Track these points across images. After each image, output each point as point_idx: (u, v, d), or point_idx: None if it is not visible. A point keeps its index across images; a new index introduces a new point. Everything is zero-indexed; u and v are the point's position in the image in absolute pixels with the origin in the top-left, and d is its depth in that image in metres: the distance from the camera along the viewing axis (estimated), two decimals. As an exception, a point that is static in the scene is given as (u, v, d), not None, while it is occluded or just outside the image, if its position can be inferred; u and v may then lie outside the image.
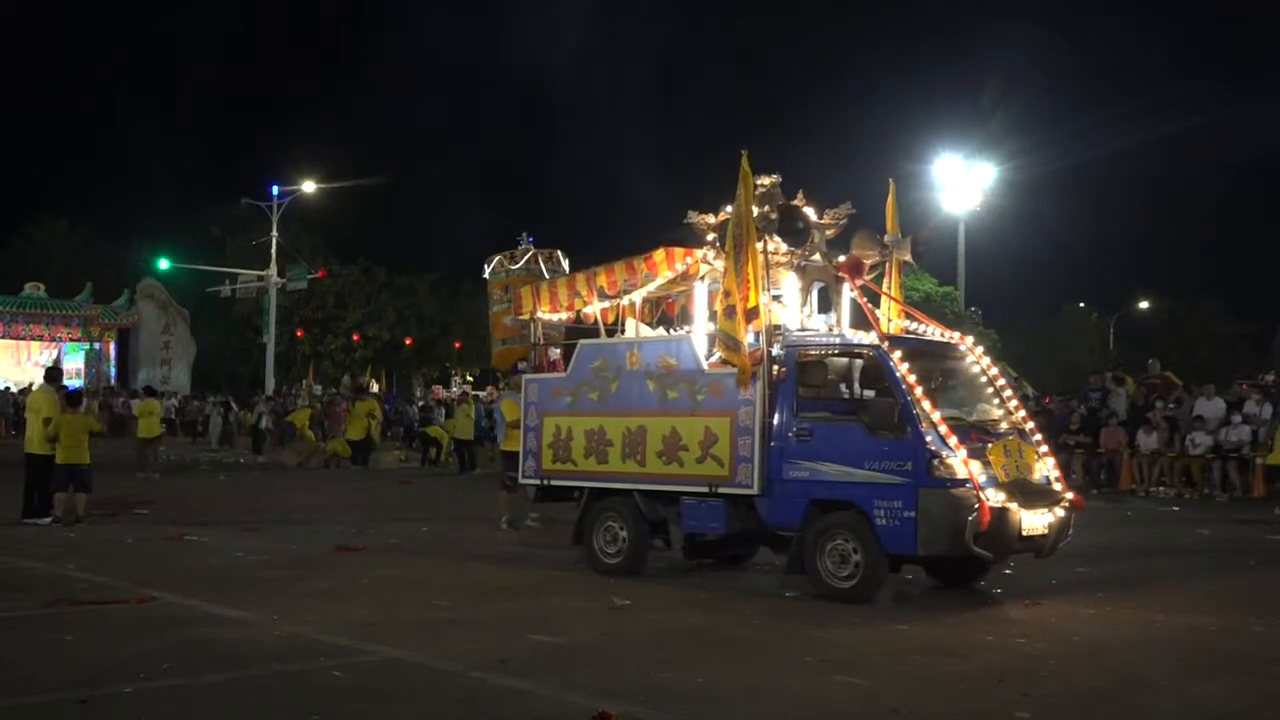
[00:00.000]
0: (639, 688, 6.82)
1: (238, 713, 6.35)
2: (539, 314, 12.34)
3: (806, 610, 9.59)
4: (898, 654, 7.94)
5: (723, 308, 10.34)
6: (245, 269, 44.68)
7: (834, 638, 8.43)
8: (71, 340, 48.65)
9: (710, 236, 11.12)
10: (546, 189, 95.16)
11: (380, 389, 42.27)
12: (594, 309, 11.93)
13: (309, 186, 43.00)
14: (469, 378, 54.75)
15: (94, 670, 7.07)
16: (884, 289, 11.65)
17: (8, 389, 40.45)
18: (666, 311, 12.37)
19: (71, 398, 15.31)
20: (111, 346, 49.97)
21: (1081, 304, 66.08)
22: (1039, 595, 10.21)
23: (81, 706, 6.32)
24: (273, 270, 42.55)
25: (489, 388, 43.64)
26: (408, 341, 53.98)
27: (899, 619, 9.15)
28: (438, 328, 55.39)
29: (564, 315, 12.34)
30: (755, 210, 10.33)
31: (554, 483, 11.92)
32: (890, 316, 11.49)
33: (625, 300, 11.73)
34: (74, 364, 48.21)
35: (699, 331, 11.20)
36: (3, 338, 47.14)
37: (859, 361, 10.58)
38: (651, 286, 11.47)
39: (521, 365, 14.74)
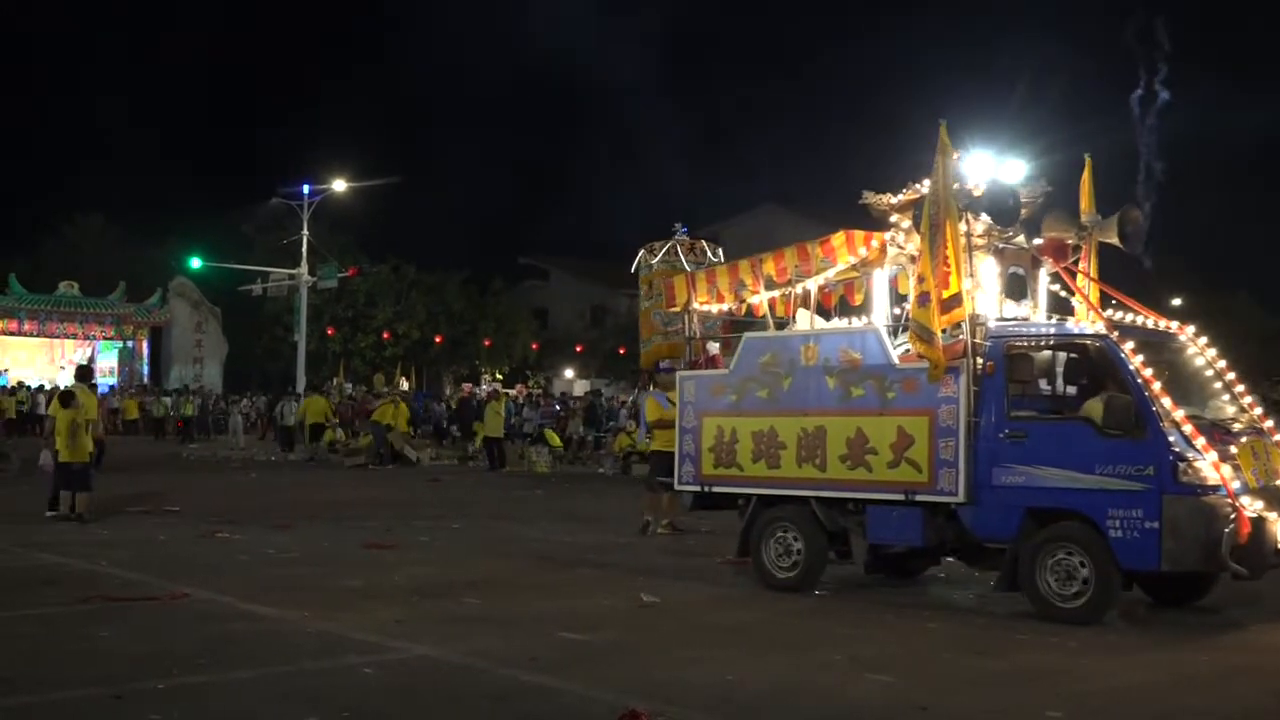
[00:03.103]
0: (668, 685, 6.81)
1: (269, 709, 6.37)
2: (694, 305, 11.32)
3: (837, 608, 9.56)
4: (929, 652, 7.90)
5: (916, 295, 9.42)
6: (276, 268, 44.92)
7: (866, 636, 8.40)
8: (105, 339, 49.09)
9: (894, 218, 10.17)
10: (578, 186, 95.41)
11: (410, 387, 42.39)
12: (761, 299, 10.98)
13: (339, 185, 43.14)
14: (498, 375, 54.82)
15: (127, 666, 7.12)
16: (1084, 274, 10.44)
17: (41, 387, 40.81)
18: (822, 303, 11.21)
19: (64, 396, 15.12)
20: (144, 345, 50.38)
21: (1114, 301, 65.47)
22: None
23: (115, 702, 6.36)
24: (303, 269, 42.74)
25: (518, 386, 43.80)
26: (437, 339, 54.13)
27: (931, 618, 9.10)
28: (467, 325, 55.51)
29: (724, 306, 11.35)
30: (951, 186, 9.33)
31: (716, 489, 10.83)
32: (1089, 304, 10.29)
33: (799, 289, 10.78)
34: (108, 362, 48.68)
35: (877, 322, 10.37)
36: (37, 336, 47.58)
37: (1062, 354, 9.77)
38: (830, 273, 10.61)
39: (664, 364, 14.00)
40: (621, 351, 51.96)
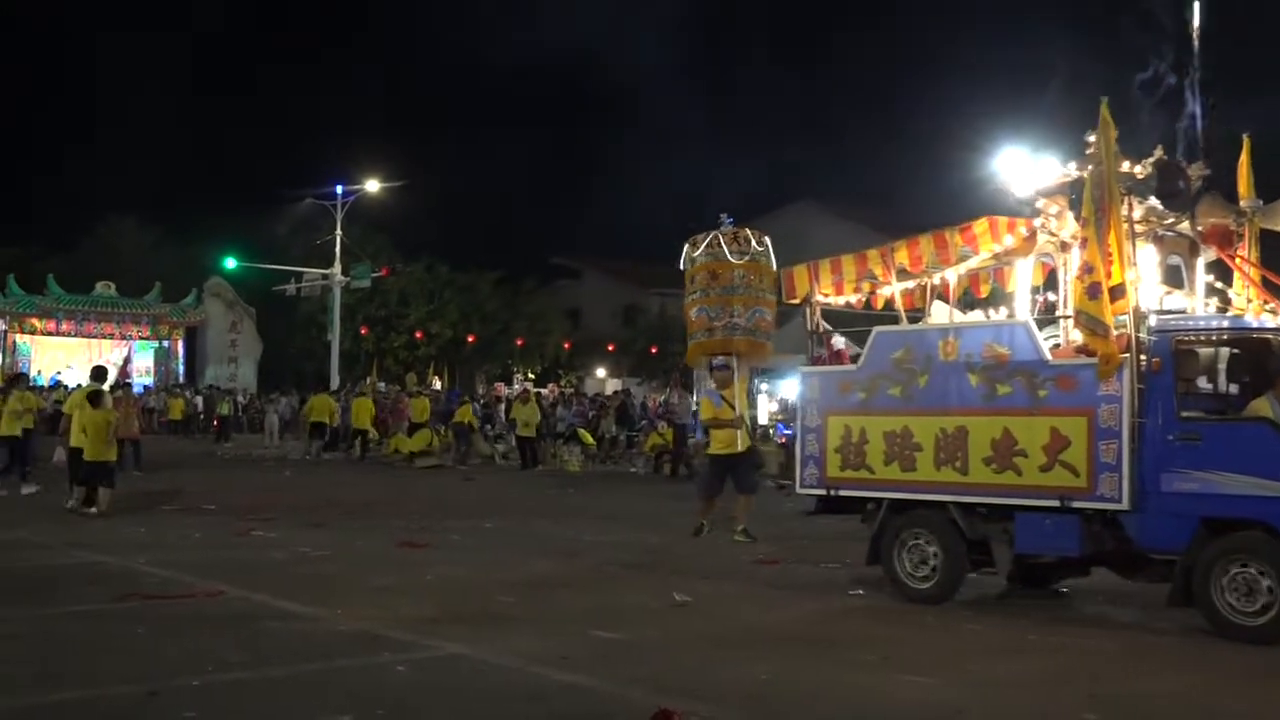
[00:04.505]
0: (700, 685, 6.79)
1: (303, 706, 6.39)
2: (816, 297, 10.70)
3: (872, 609, 9.51)
4: (964, 654, 7.84)
5: (1084, 286, 8.74)
6: (310, 268, 45.17)
7: (900, 636, 8.35)
8: (141, 338, 49.51)
9: (1040, 203, 9.54)
10: (610, 185, 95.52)
11: (443, 386, 42.59)
12: (893, 290, 10.35)
13: (373, 185, 43.36)
14: (531, 375, 54.93)
15: (163, 662, 7.17)
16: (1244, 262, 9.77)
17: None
18: (942, 294, 10.52)
19: (92, 397, 15.47)
20: (180, 344, 50.79)
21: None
22: (1109, 597, 10.05)
23: (151, 698, 6.40)
24: (337, 269, 42.99)
25: (550, 385, 43.88)
26: (470, 339, 54.30)
27: (967, 619, 9.03)
28: (500, 325, 55.66)
29: (851, 298, 10.81)
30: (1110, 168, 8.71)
31: (842, 493, 10.18)
32: (1250, 296, 9.59)
33: (935, 279, 10.24)
34: (144, 362, 49.12)
35: (1019, 313, 9.82)
36: (75, 336, 48.04)
37: (1225, 349, 9.12)
38: (973, 262, 10.06)
39: (718, 360, 13.78)
40: (653, 351, 51.96)
